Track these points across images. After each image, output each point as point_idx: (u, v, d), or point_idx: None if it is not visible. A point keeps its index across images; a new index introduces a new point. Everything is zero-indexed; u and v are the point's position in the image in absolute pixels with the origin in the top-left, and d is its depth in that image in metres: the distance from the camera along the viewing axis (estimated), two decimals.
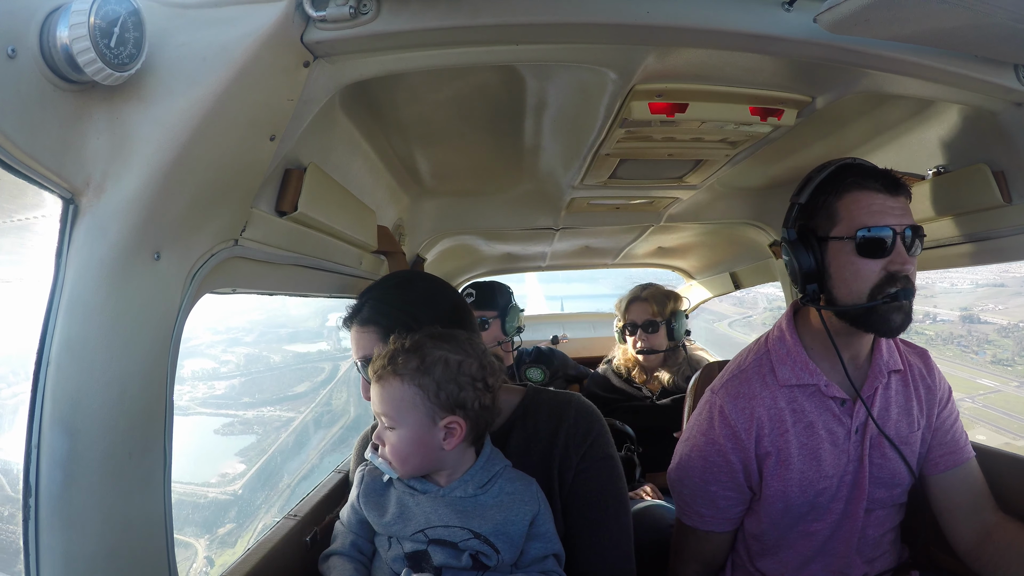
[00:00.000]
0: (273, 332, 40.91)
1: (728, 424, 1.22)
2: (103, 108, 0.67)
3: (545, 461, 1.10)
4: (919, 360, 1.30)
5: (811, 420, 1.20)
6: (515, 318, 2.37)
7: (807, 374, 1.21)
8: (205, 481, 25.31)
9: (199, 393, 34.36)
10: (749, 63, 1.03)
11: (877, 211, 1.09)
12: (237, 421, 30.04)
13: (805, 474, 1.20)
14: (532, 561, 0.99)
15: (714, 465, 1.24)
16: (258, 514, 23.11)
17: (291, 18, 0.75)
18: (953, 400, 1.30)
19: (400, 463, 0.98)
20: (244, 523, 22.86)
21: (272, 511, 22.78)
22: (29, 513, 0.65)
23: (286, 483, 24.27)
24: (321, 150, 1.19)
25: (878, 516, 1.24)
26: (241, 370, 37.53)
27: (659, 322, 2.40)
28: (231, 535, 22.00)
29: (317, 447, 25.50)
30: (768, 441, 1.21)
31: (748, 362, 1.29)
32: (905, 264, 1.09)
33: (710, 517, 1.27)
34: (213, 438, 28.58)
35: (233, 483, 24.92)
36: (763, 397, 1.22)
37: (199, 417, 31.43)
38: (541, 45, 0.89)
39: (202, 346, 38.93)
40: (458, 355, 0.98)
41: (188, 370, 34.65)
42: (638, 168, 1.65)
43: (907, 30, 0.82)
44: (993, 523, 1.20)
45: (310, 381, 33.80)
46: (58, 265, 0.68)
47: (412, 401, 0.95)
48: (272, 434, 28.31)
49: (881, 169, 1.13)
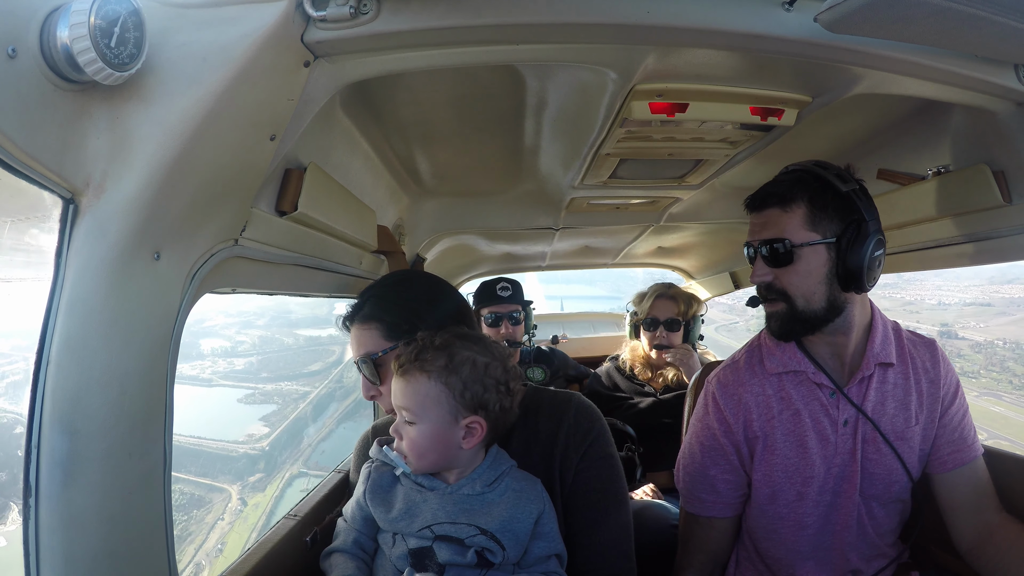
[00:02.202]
0: (284, 317, 45.44)
1: (719, 408, 1.30)
2: (103, 108, 0.67)
3: (546, 460, 1.10)
4: (926, 352, 1.28)
5: (797, 408, 1.24)
6: (531, 316, 2.41)
7: (794, 361, 1.25)
8: (235, 439, 29.26)
9: (220, 368, 38.75)
10: (749, 63, 1.03)
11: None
12: (258, 392, 34.23)
13: (790, 459, 1.22)
14: (535, 561, 0.99)
15: (710, 449, 1.30)
16: (284, 466, 27.03)
17: (291, 18, 0.75)
18: (962, 394, 1.27)
19: (417, 458, 0.98)
20: (272, 473, 26.74)
21: (297, 464, 26.71)
22: (29, 513, 0.65)
23: (307, 443, 28.29)
24: (321, 150, 1.19)
25: (875, 514, 1.23)
26: (257, 349, 41.85)
27: (681, 321, 2.41)
28: (260, 482, 26.27)
29: (333, 415, 28.80)
30: (756, 425, 1.25)
31: (741, 353, 1.37)
32: (754, 276, 1.22)
33: (711, 502, 1.30)
34: (236, 405, 32.95)
35: (260, 442, 28.91)
36: (751, 384, 1.28)
37: (222, 388, 36.18)
38: (541, 45, 0.89)
39: (216, 327, 43.48)
40: (485, 357, 1.00)
41: (207, 347, 39.77)
42: (638, 168, 1.65)
43: (907, 30, 0.82)
44: (996, 523, 1.20)
45: (322, 361, 37.38)
46: (58, 265, 0.68)
47: (437, 398, 0.96)
48: (291, 404, 32.49)
49: (764, 187, 1.23)
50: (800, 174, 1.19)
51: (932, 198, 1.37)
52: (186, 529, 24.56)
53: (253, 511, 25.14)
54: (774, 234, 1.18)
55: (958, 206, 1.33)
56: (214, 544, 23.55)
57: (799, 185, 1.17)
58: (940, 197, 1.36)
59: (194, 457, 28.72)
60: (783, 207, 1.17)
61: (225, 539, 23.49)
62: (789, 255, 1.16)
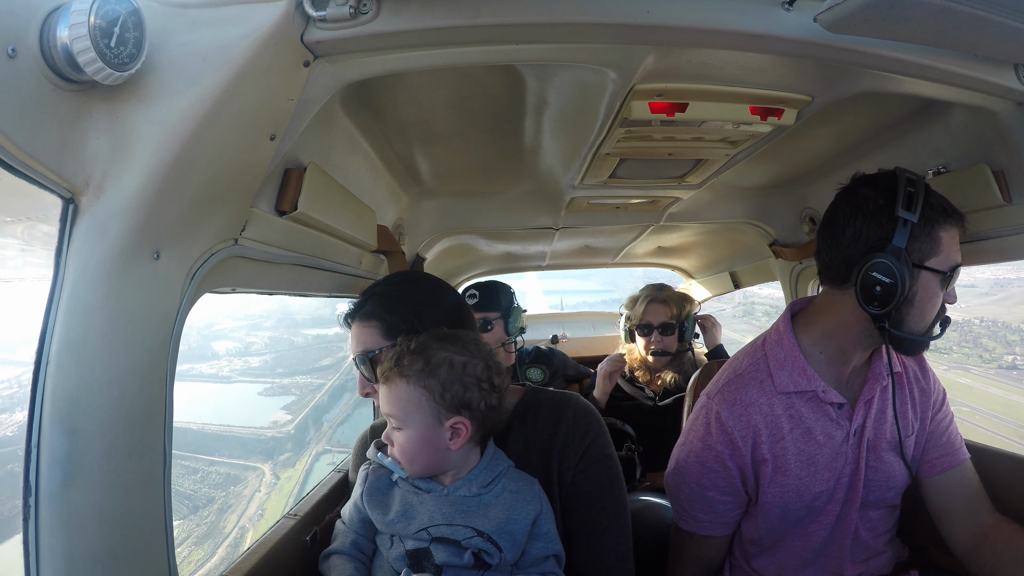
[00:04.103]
0: (289, 319, 50.22)
1: (725, 431, 1.21)
2: (103, 108, 0.67)
3: (544, 461, 1.10)
4: (914, 362, 1.31)
5: (809, 426, 1.20)
6: (518, 319, 2.36)
7: (805, 380, 1.19)
8: (261, 425, 33.69)
9: (236, 366, 43.77)
10: (749, 63, 1.03)
11: (957, 248, 1.14)
12: (276, 386, 38.85)
13: (802, 480, 1.19)
14: (533, 561, 0.99)
15: (711, 471, 1.23)
16: (309, 446, 30.98)
17: (291, 18, 0.75)
18: (948, 402, 1.30)
19: (408, 463, 0.99)
20: (299, 452, 30.79)
21: (321, 443, 31.08)
22: (29, 513, 0.65)
23: (328, 426, 32.28)
24: (321, 150, 1.19)
25: (871, 518, 1.24)
26: (269, 348, 46.71)
27: (675, 324, 2.40)
28: (289, 460, 30.22)
29: (349, 402, 32.66)
30: (765, 448, 1.20)
31: (745, 367, 1.27)
32: (955, 297, 1.18)
33: (708, 522, 1.27)
34: (258, 398, 37.33)
35: (285, 427, 33.10)
36: (760, 404, 1.21)
37: (241, 384, 41.24)
38: (541, 45, 0.89)
39: (226, 330, 48.94)
40: (463, 356, 0.99)
41: (221, 348, 45.46)
42: (638, 168, 1.65)
43: (907, 30, 0.82)
44: (990, 524, 1.20)
45: (332, 357, 41.24)
46: (58, 265, 0.67)
47: (418, 402, 0.96)
48: (309, 394, 36.83)
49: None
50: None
51: None
52: (226, 502, 28.21)
53: (287, 482, 28.54)
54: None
55: (958, 206, 1.32)
56: (255, 510, 27.02)
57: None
58: None
59: (226, 442, 32.75)
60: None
61: (264, 506, 27.24)
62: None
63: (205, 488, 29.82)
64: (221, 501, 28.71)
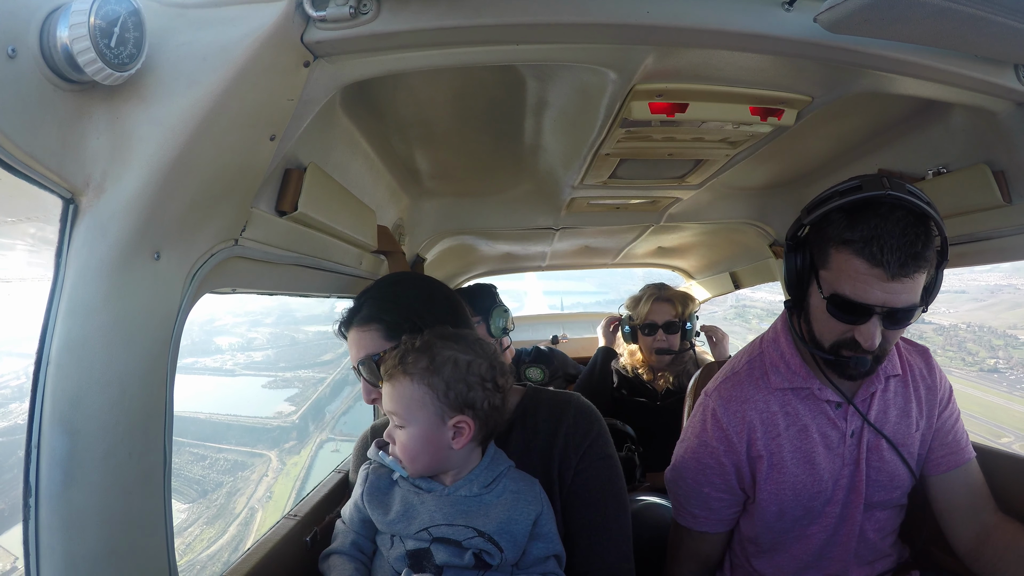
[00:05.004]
0: (290, 315, 52.17)
1: (720, 427, 1.23)
2: (103, 108, 0.67)
3: (545, 461, 1.10)
4: (920, 359, 1.29)
5: (805, 423, 1.20)
6: (500, 319, 2.34)
7: (800, 378, 1.20)
8: (267, 416, 35.27)
9: (239, 360, 45.61)
10: (749, 63, 1.03)
11: (862, 284, 1.00)
12: (279, 379, 40.50)
13: (799, 478, 1.19)
14: (534, 562, 0.99)
15: (707, 467, 1.25)
16: (312, 435, 32.45)
17: (291, 18, 0.75)
18: (954, 400, 1.29)
19: (410, 461, 0.99)
20: (304, 440, 32.22)
21: (325, 432, 32.55)
22: (29, 513, 0.65)
23: (331, 416, 33.96)
24: (321, 150, 1.19)
25: (877, 519, 1.24)
26: (271, 344, 48.52)
27: (679, 323, 2.40)
28: (294, 448, 31.57)
29: (350, 394, 33.22)
30: (761, 444, 1.20)
31: (742, 364, 1.29)
32: (869, 342, 1.03)
33: (704, 518, 1.28)
34: (262, 390, 39.03)
35: (289, 417, 34.59)
36: (755, 400, 1.22)
37: (245, 377, 43.02)
38: (541, 45, 0.89)
39: (227, 326, 50.45)
40: (468, 355, 0.99)
41: (224, 343, 47.49)
42: (638, 168, 1.65)
43: (907, 30, 0.82)
44: (992, 524, 1.20)
45: (333, 352, 41.85)
46: (58, 265, 0.68)
47: (421, 400, 0.96)
48: (311, 387, 38.15)
49: (898, 241, 0.98)
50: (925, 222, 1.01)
51: (932, 198, 1.37)
52: (235, 487, 29.46)
53: (293, 468, 29.72)
54: (912, 300, 1.02)
55: (958, 206, 1.32)
56: (263, 493, 28.21)
57: (932, 242, 1.02)
58: (940, 197, 1.35)
59: (233, 430, 34.21)
60: (924, 272, 1.02)
61: (272, 490, 28.25)
62: (908, 318, 1.04)
63: (214, 473, 30.99)
64: (230, 485, 30.13)
